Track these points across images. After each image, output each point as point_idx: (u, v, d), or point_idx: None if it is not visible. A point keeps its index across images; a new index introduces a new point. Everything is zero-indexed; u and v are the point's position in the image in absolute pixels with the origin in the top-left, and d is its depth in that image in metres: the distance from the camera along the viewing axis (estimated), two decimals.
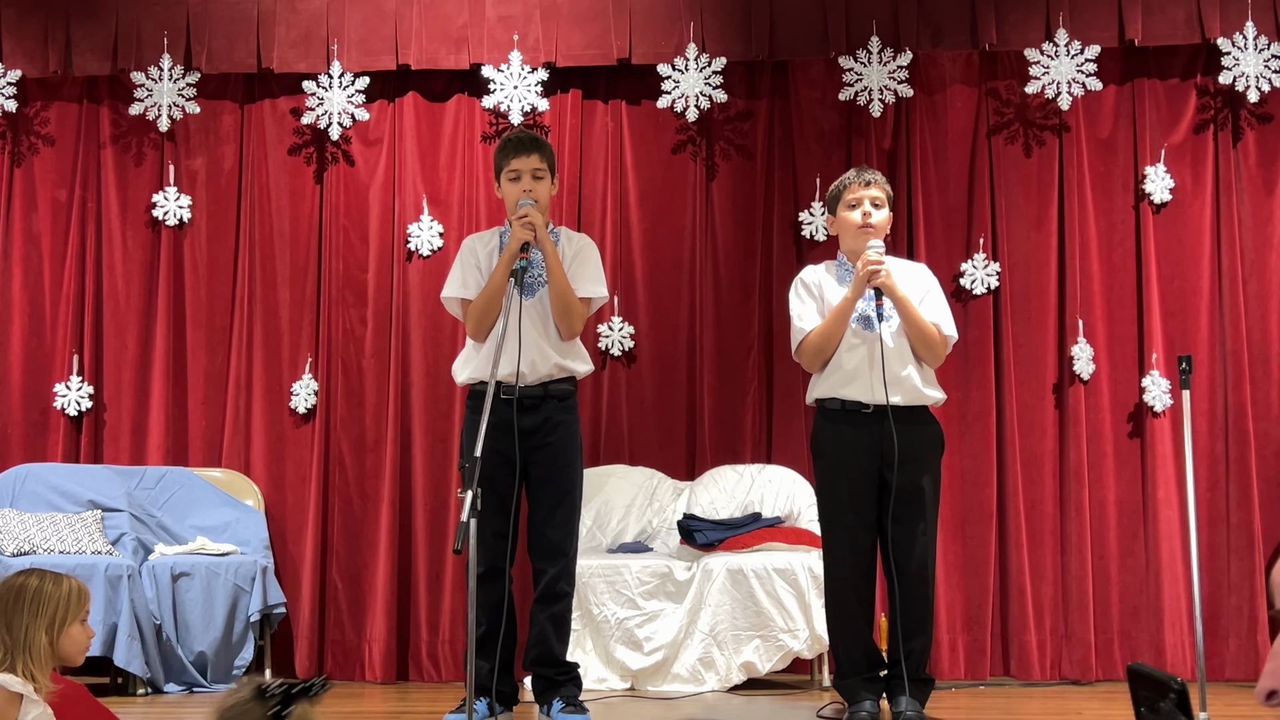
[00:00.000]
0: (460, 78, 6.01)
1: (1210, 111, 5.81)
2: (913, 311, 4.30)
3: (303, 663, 5.72)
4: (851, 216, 4.41)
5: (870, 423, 4.27)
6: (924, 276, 4.48)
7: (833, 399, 4.34)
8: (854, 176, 4.45)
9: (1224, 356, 5.71)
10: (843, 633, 4.37)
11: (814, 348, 4.35)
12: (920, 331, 4.31)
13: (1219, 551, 5.63)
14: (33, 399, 6.00)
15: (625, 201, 5.98)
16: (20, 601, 2.93)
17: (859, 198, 4.41)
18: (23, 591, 2.94)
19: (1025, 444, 5.73)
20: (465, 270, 4.45)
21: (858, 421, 4.29)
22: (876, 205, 4.41)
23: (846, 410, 4.31)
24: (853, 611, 4.34)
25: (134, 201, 6.06)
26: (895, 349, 4.29)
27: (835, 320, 4.32)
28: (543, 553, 4.36)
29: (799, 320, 4.41)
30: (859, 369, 4.29)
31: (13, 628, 2.90)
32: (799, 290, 4.47)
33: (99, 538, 5.47)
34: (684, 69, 5.83)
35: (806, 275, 4.50)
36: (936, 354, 4.36)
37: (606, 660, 5.23)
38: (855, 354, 4.30)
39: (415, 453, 5.85)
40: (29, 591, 2.94)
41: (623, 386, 5.89)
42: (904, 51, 5.80)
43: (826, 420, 4.37)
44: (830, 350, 4.34)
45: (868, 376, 4.27)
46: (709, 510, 5.57)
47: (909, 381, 4.30)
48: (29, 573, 2.99)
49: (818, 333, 4.34)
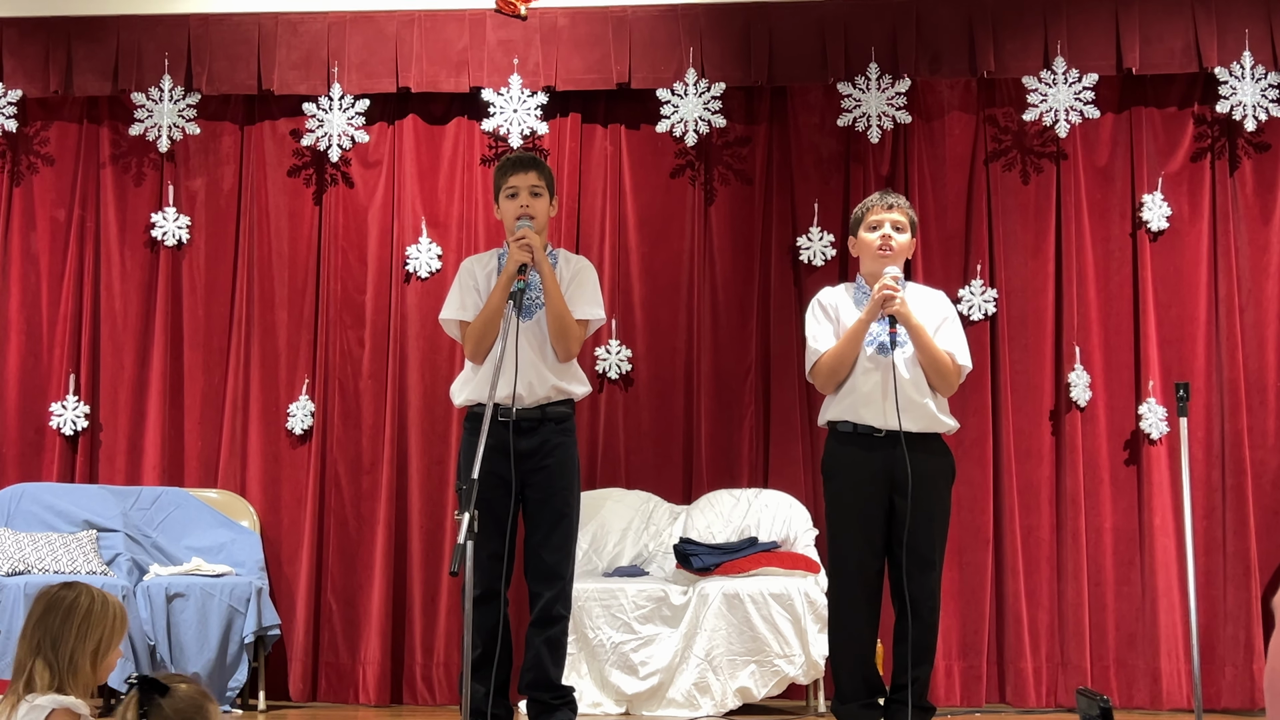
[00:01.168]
0: (460, 101, 6.03)
1: (1207, 140, 5.83)
2: (926, 340, 4.29)
3: (297, 685, 5.70)
4: (871, 239, 4.40)
5: (882, 447, 4.26)
6: (941, 304, 4.47)
7: (845, 421, 4.33)
8: (877, 199, 4.45)
9: (1221, 385, 5.72)
10: (846, 657, 4.35)
11: (827, 369, 4.35)
12: (933, 360, 4.30)
13: (1215, 579, 5.62)
14: (29, 418, 5.99)
15: (624, 225, 5.99)
16: (69, 621, 2.77)
17: (880, 220, 4.40)
18: (72, 611, 2.78)
19: (1022, 470, 5.73)
20: (464, 292, 4.45)
21: (870, 445, 4.28)
22: (898, 229, 4.40)
23: (859, 434, 4.30)
24: (858, 636, 4.32)
25: (133, 221, 6.07)
26: (910, 377, 4.28)
27: (848, 343, 4.31)
28: (539, 576, 4.35)
29: (814, 341, 4.40)
30: (873, 393, 4.28)
31: (59, 648, 2.76)
32: (815, 311, 4.47)
33: (94, 558, 5.46)
34: (683, 94, 5.85)
35: (824, 296, 4.50)
36: (949, 383, 4.35)
37: (602, 684, 5.21)
38: (869, 378, 4.30)
39: (411, 475, 5.85)
40: (79, 612, 2.78)
41: (620, 409, 5.89)
42: (902, 78, 5.82)
43: (838, 443, 4.36)
44: (843, 372, 4.33)
45: (881, 401, 4.27)
46: (705, 534, 5.56)
47: (925, 409, 4.29)
48: (77, 589, 2.83)
49: (831, 354, 4.34)
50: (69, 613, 2.78)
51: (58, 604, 2.80)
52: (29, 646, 2.78)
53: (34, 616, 2.81)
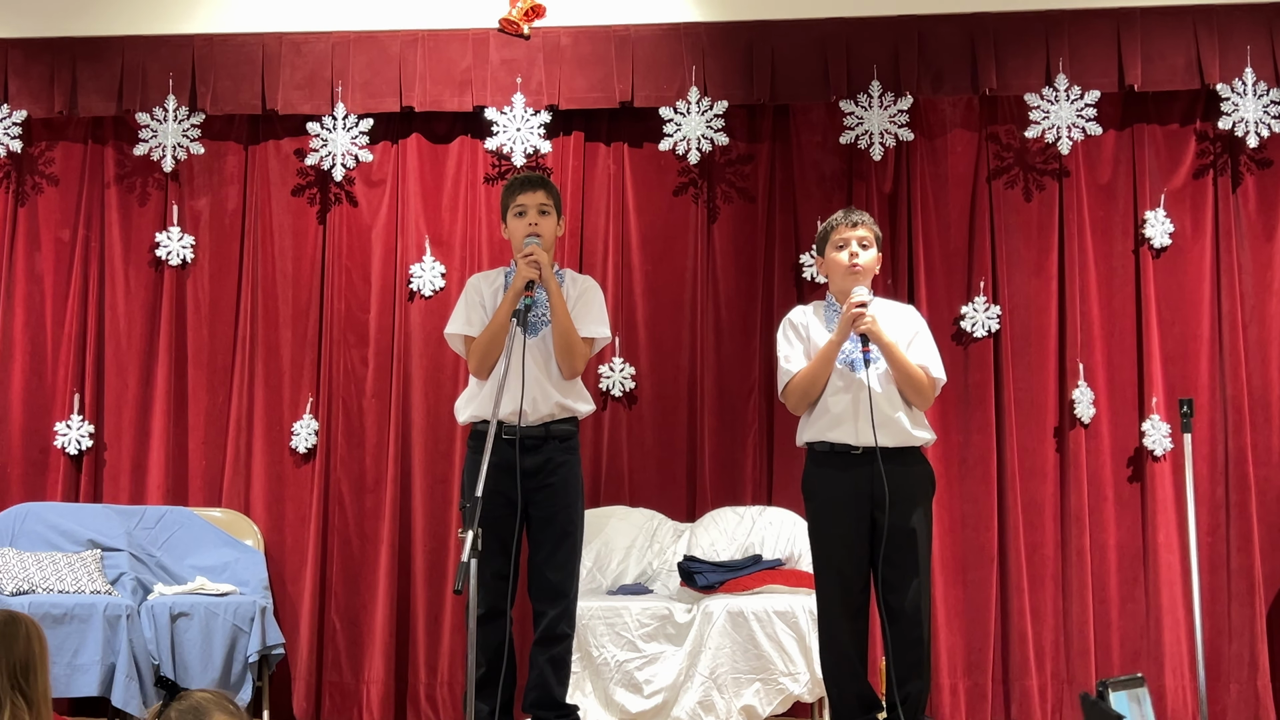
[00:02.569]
0: (463, 120, 6.04)
1: (1210, 157, 5.84)
2: (899, 356, 4.30)
3: (300, 704, 5.70)
4: (839, 257, 4.42)
5: (859, 464, 4.27)
6: (911, 318, 4.48)
7: (821, 442, 4.34)
8: (841, 218, 4.47)
9: (1224, 401, 5.72)
10: (835, 676, 4.35)
11: (799, 390, 4.36)
12: (906, 375, 4.31)
13: (1220, 596, 5.61)
14: (33, 438, 5.99)
15: (627, 243, 6.00)
16: (30, 648, 2.69)
17: (846, 238, 4.42)
18: (31, 637, 2.69)
19: (1026, 488, 5.72)
20: (469, 308, 4.46)
21: (846, 464, 4.29)
22: (864, 246, 4.42)
23: (835, 453, 4.31)
24: (845, 654, 4.32)
25: (137, 241, 6.08)
26: (884, 393, 4.29)
27: (820, 364, 4.33)
28: (543, 594, 4.35)
29: (785, 362, 4.42)
30: (845, 412, 4.29)
31: (30, 677, 2.68)
32: (786, 332, 4.48)
33: (98, 577, 5.46)
34: (686, 112, 5.86)
35: (794, 316, 4.52)
36: (925, 397, 4.36)
37: (606, 703, 5.20)
38: (840, 398, 4.30)
39: (415, 493, 5.85)
40: (36, 637, 2.70)
41: (623, 427, 5.89)
42: (904, 96, 5.83)
43: (815, 464, 4.37)
44: (815, 393, 4.34)
45: (854, 420, 4.27)
46: (709, 552, 5.56)
47: (898, 424, 4.29)
48: (17, 616, 2.73)
49: (802, 375, 4.35)
50: (28, 640, 2.70)
51: (12, 632, 2.70)
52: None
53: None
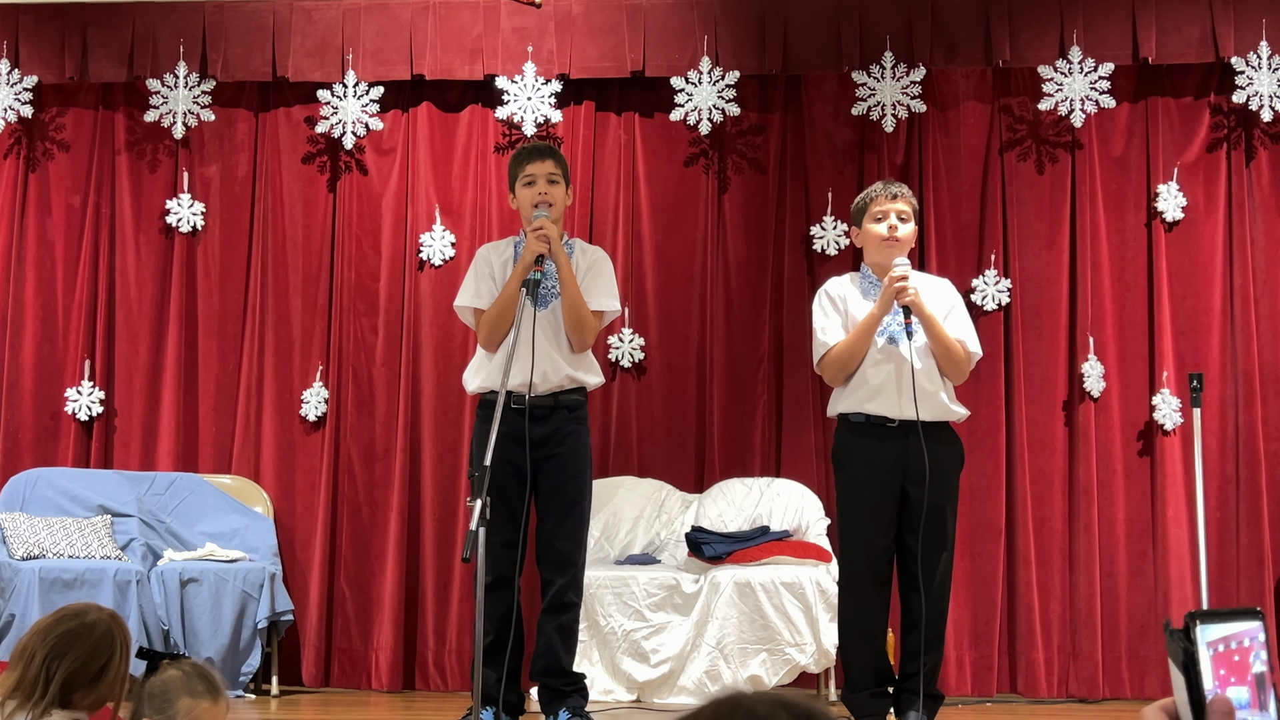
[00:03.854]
0: (474, 88, 6.03)
1: (1223, 130, 5.81)
2: (939, 329, 4.28)
3: (309, 670, 5.73)
4: (877, 229, 4.38)
5: (895, 437, 4.26)
6: (948, 292, 4.46)
7: (857, 413, 4.32)
8: (880, 189, 4.43)
9: (1235, 376, 5.70)
10: (856, 647, 4.35)
11: (837, 362, 4.33)
12: (946, 349, 4.28)
13: (1228, 571, 5.61)
14: (44, 403, 6.01)
15: (637, 214, 5.98)
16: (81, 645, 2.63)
17: (885, 210, 4.38)
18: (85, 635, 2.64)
19: (1035, 461, 5.72)
20: (479, 279, 4.45)
21: (883, 436, 4.27)
22: (903, 219, 4.38)
23: (871, 424, 4.29)
24: (868, 626, 4.32)
25: (148, 208, 6.08)
26: (923, 367, 4.27)
27: (860, 336, 4.29)
28: (551, 563, 4.36)
29: (822, 334, 4.38)
30: (884, 385, 4.27)
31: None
32: (823, 302, 4.44)
33: (108, 542, 5.48)
34: (697, 82, 5.84)
35: (831, 288, 4.47)
36: (961, 371, 4.34)
37: (613, 672, 5.22)
38: (880, 370, 4.28)
39: (424, 462, 5.86)
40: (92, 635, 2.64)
41: (632, 398, 5.90)
42: (917, 67, 5.81)
43: (850, 434, 4.34)
44: (854, 365, 4.31)
45: (893, 392, 4.25)
46: (717, 523, 5.57)
47: (936, 398, 4.28)
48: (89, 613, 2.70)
49: (841, 348, 4.31)
50: (97, 647, 2.64)
51: (75, 633, 2.66)
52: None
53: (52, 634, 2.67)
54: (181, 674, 2.62)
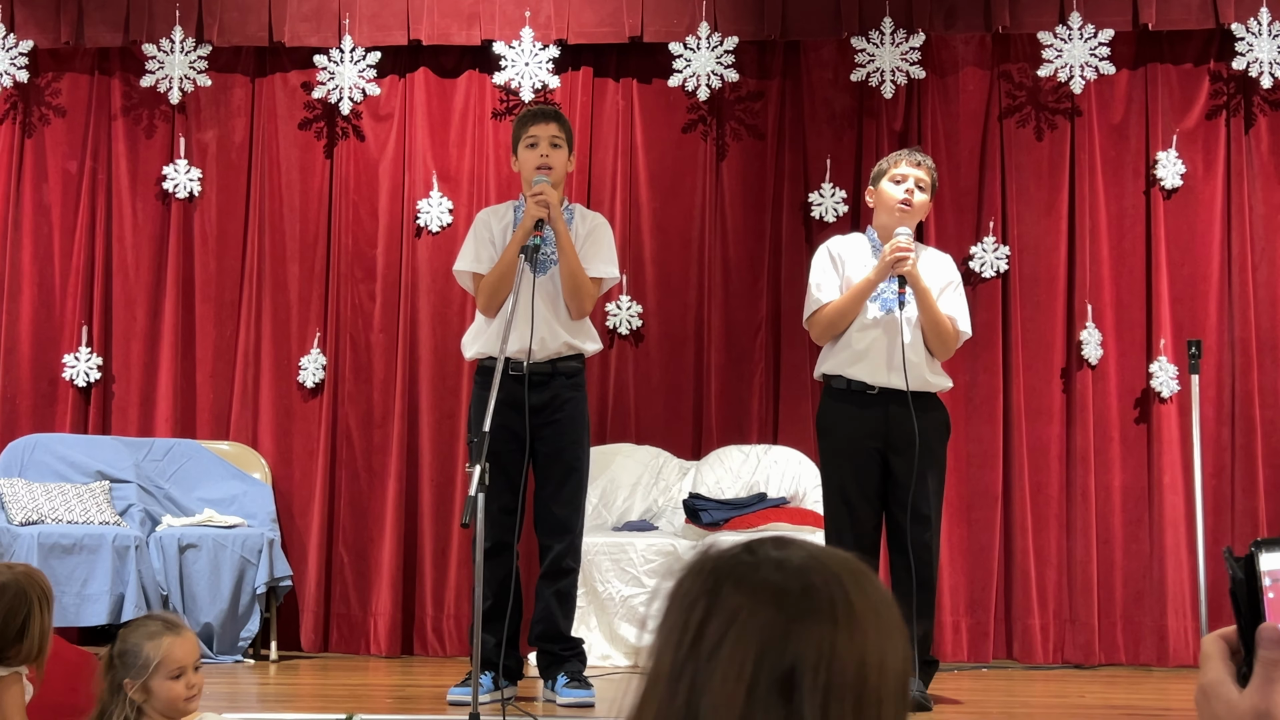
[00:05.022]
0: (471, 54, 6.00)
1: (1223, 97, 5.80)
2: (932, 304, 4.27)
3: (308, 635, 5.75)
4: (894, 192, 4.37)
5: (876, 404, 4.26)
6: (947, 268, 4.46)
7: (839, 377, 4.33)
8: (906, 154, 4.42)
9: (1232, 343, 5.71)
10: None
11: (826, 321, 4.33)
12: (935, 324, 4.28)
13: (1224, 538, 5.63)
14: (42, 370, 6.01)
15: (635, 180, 5.97)
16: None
17: (906, 174, 4.37)
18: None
19: (1032, 428, 5.73)
20: (479, 244, 4.44)
21: (863, 403, 4.28)
22: (921, 187, 4.37)
23: (852, 390, 4.30)
24: None
25: (144, 174, 6.06)
26: (910, 340, 4.27)
27: (853, 299, 4.29)
28: (549, 529, 4.37)
29: (817, 290, 4.38)
30: (869, 350, 4.27)
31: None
32: (823, 259, 4.43)
33: (107, 508, 5.49)
34: (695, 48, 5.82)
35: (834, 245, 4.47)
36: (948, 348, 4.35)
37: (611, 637, 5.25)
38: (867, 335, 4.29)
39: (422, 428, 5.87)
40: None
41: (630, 365, 5.90)
42: (916, 33, 5.78)
43: (832, 399, 4.36)
44: (842, 326, 4.32)
45: (878, 360, 4.26)
46: (714, 490, 5.58)
47: (918, 370, 4.28)
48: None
49: (833, 308, 4.32)
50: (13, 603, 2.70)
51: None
52: None
53: None
54: (136, 626, 2.68)
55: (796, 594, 0.98)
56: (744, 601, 0.98)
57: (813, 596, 0.98)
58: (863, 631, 0.97)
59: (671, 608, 1.02)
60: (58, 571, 5.08)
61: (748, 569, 1.00)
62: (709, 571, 1.02)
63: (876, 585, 1.02)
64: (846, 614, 0.97)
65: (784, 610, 0.97)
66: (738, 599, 0.99)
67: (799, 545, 1.03)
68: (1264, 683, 0.96)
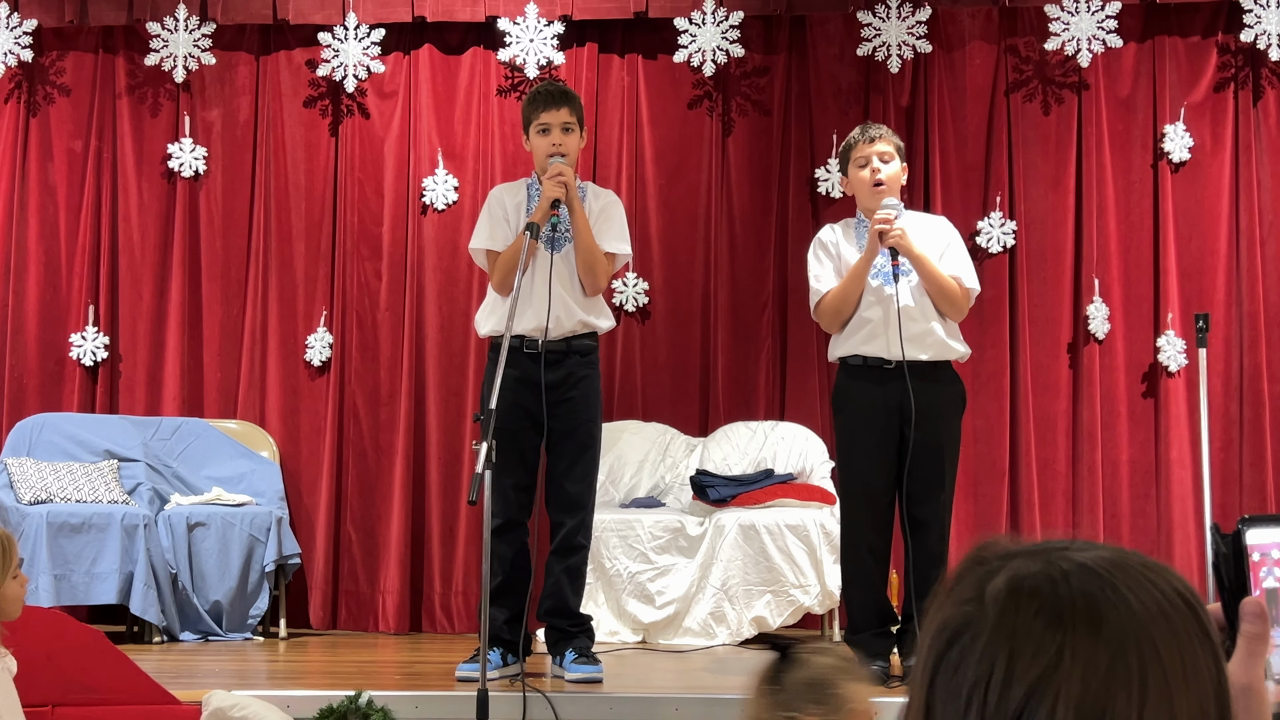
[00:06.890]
0: (476, 31, 5.98)
1: (1231, 70, 5.77)
2: (930, 268, 4.28)
3: (317, 613, 5.77)
4: (862, 175, 4.38)
5: (893, 379, 4.27)
6: (943, 230, 4.46)
7: (854, 355, 4.33)
8: (858, 135, 4.41)
9: (1240, 318, 5.70)
10: (857, 588, 4.39)
11: (831, 308, 4.35)
12: (939, 287, 4.29)
13: (1231, 513, 5.63)
14: (49, 349, 6.02)
15: (641, 157, 5.96)
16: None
17: (866, 155, 4.37)
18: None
19: (1039, 403, 5.72)
20: (493, 223, 4.43)
21: (880, 378, 4.29)
22: (885, 160, 4.36)
23: (868, 366, 4.30)
24: (868, 568, 4.35)
25: (149, 153, 6.06)
26: (916, 305, 4.27)
27: (851, 281, 4.31)
28: (561, 506, 4.38)
29: (816, 281, 4.41)
30: (878, 326, 4.28)
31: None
32: (816, 251, 4.46)
33: (115, 487, 5.50)
34: (701, 23, 5.80)
35: (824, 235, 4.49)
36: (959, 308, 4.34)
37: (619, 613, 5.26)
38: (873, 311, 4.29)
39: (429, 406, 5.87)
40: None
41: (637, 342, 5.90)
42: (923, 6, 5.76)
43: (848, 377, 4.37)
44: (848, 311, 4.33)
45: (886, 333, 4.27)
46: (722, 466, 5.59)
47: (933, 336, 4.28)
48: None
49: (834, 294, 4.33)
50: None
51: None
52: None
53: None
54: (832, 660, 2.34)
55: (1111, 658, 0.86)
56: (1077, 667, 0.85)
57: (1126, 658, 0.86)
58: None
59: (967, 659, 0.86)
60: (66, 550, 5.09)
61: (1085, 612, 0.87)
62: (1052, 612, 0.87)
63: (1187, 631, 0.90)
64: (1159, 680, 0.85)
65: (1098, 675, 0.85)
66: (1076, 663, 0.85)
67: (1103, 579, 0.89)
68: (1246, 656, 0.95)
